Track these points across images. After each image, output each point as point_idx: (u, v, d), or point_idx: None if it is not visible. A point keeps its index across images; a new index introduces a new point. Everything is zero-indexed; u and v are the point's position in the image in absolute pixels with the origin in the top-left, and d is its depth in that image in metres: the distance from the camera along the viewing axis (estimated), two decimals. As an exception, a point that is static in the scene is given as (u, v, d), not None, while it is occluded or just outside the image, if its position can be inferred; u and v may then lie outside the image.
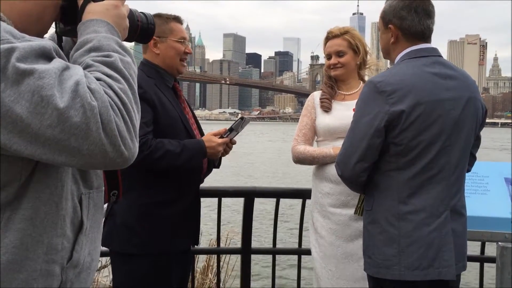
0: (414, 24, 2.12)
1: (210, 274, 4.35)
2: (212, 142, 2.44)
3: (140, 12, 1.42)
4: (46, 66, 0.97)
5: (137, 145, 1.07)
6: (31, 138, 0.95)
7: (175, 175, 2.40)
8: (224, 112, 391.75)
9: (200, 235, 2.71)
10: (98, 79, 1.04)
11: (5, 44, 0.95)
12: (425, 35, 2.16)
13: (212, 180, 2.73)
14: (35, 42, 1.00)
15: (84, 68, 1.07)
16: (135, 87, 1.12)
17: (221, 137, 2.47)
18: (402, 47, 2.15)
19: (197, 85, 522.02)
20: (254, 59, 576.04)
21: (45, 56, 1.00)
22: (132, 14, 1.35)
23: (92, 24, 1.16)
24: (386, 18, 2.16)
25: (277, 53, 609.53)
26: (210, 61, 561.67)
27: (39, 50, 0.99)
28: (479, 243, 3.17)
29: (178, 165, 2.35)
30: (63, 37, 1.33)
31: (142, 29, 1.38)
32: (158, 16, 2.48)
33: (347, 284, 2.66)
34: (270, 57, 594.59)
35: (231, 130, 2.49)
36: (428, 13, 2.15)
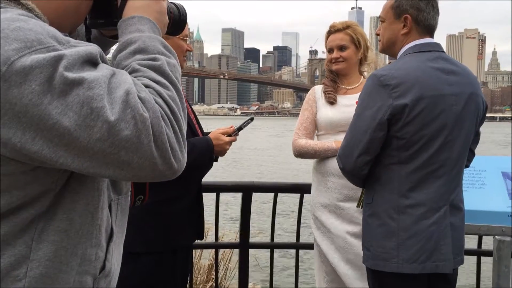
0: (429, 17, 2.14)
1: (209, 269, 4.36)
2: (220, 141, 2.43)
3: (171, 2, 1.34)
4: (95, 74, 0.91)
5: (185, 155, 1.02)
6: (79, 151, 0.89)
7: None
8: (222, 107, 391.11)
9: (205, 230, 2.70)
10: (146, 86, 0.98)
11: (51, 51, 0.88)
12: (433, 30, 2.18)
13: (210, 175, 2.73)
14: (81, 47, 0.93)
15: (130, 73, 1.01)
16: (182, 91, 1.06)
17: (229, 135, 2.47)
18: (411, 39, 2.15)
19: (196, 80, 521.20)
20: (252, 54, 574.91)
21: (91, 62, 0.94)
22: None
23: (134, 21, 1.09)
24: (401, 8, 2.15)
25: (275, 48, 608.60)
26: (209, 56, 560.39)
27: (86, 56, 0.92)
28: (476, 236, 3.18)
29: (187, 164, 2.34)
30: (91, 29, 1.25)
31: (174, 21, 1.31)
32: None
33: (360, 274, 2.67)
34: (268, 52, 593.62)
35: (240, 129, 2.49)
36: (438, 9, 2.18)
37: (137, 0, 1.13)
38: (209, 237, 4.20)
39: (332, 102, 2.83)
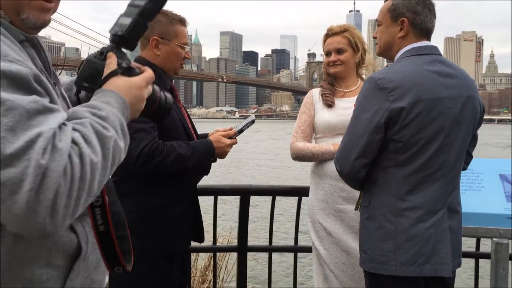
0: (426, 20, 2.15)
1: (209, 273, 4.36)
2: (221, 143, 2.43)
3: (162, 92, 1.41)
4: (19, 102, 0.87)
5: (66, 224, 0.93)
6: None
7: (175, 177, 2.40)
8: (221, 110, 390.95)
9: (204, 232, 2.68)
10: (76, 142, 0.93)
11: None
12: (430, 33, 2.19)
13: (208, 178, 2.73)
14: (14, 66, 0.90)
15: (76, 123, 0.98)
16: (109, 173, 1.01)
17: (230, 138, 2.47)
18: (408, 42, 2.15)
19: (194, 83, 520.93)
20: (251, 57, 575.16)
21: (23, 86, 0.90)
22: (154, 91, 1.34)
23: (110, 95, 1.10)
24: (398, 11, 2.16)
25: (274, 51, 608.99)
26: (207, 59, 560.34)
27: (14, 77, 0.88)
28: (475, 239, 3.18)
29: (189, 167, 2.34)
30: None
31: (159, 105, 1.36)
32: (164, 14, 2.41)
33: (358, 279, 2.67)
34: (267, 55, 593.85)
35: (240, 132, 2.49)
36: (435, 12, 2.19)
37: (122, 79, 1.15)
38: (207, 241, 4.20)
39: (330, 105, 2.84)
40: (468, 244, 3.29)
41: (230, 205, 9.30)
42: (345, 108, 2.77)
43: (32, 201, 0.85)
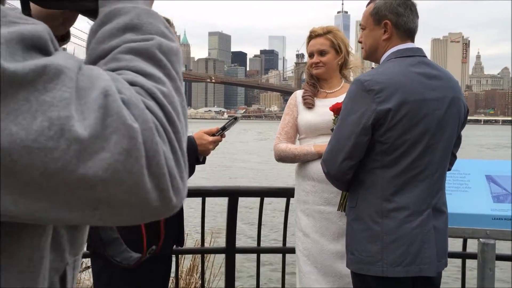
0: (408, 21, 2.16)
1: (195, 275, 4.34)
2: (203, 140, 2.40)
3: None
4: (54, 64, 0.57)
5: (186, 184, 0.66)
6: (27, 187, 0.55)
7: None
8: (209, 110, 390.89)
9: (185, 236, 2.67)
10: (131, 83, 0.63)
11: None
12: (414, 34, 2.21)
13: (196, 180, 2.72)
14: (28, 26, 0.58)
15: (106, 63, 0.67)
16: (183, 90, 0.72)
17: (213, 135, 2.45)
18: (393, 44, 2.17)
19: (182, 83, 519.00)
20: (239, 58, 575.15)
21: (40, 49, 0.58)
22: None
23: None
24: (380, 14, 2.17)
25: (262, 51, 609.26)
26: (195, 59, 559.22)
27: (31, 39, 0.57)
28: (461, 239, 3.20)
29: None
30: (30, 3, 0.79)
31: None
32: None
33: (332, 280, 2.68)
34: (255, 56, 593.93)
35: (223, 129, 2.48)
36: (417, 12, 2.20)
37: None
38: (196, 243, 4.18)
39: (309, 107, 2.85)
40: (455, 244, 3.31)
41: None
42: (327, 108, 2.77)
43: (149, 180, 0.59)
